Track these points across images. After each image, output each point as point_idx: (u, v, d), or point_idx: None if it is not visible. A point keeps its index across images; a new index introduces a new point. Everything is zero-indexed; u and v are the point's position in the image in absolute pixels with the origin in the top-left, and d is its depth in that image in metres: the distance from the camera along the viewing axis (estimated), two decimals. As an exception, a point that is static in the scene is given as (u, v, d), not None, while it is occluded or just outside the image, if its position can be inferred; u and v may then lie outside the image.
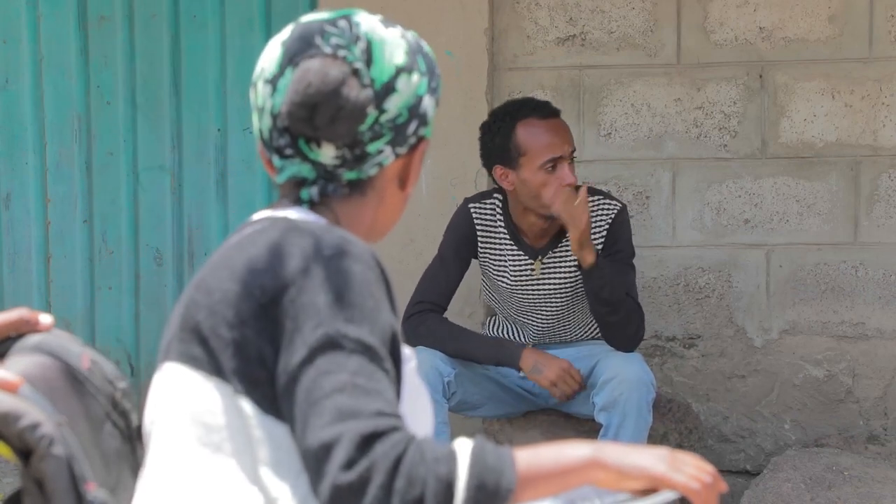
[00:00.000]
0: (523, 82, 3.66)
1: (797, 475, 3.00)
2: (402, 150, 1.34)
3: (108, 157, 4.02)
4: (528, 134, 2.91)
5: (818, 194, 3.58)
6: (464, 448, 1.13)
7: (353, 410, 1.10)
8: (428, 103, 1.35)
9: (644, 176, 3.65)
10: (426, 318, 3.03)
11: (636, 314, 2.98)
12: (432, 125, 1.39)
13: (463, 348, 2.94)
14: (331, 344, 1.14)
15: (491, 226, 3.09)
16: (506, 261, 3.09)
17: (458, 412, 3.09)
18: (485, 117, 3.56)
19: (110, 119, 4.01)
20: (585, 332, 3.18)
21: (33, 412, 1.07)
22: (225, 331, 1.18)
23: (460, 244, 3.10)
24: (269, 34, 3.97)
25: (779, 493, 2.94)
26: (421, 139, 1.37)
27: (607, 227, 3.02)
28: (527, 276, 3.08)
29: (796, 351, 3.62)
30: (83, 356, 1.30)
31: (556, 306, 3.11)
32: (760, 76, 3.59)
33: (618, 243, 3.02)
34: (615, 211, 3.03)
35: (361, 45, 1.31)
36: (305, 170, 1.32)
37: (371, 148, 1.31)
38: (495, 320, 3.30)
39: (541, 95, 3.64)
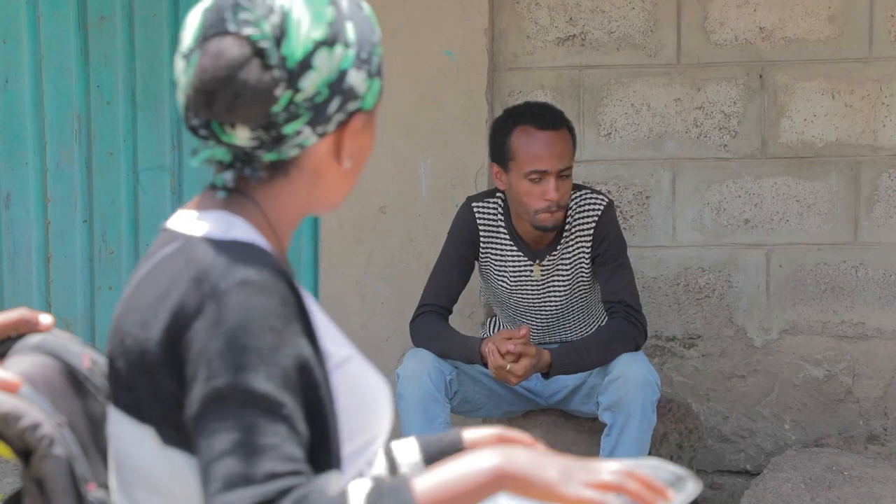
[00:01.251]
0: (523, 82, 3.66)
1: (797, 475, 3.00)
2: (327, 128, 1.22)
3: (108, 157, 4.02)
4: (521, 140, 2.91)
5: (818, 194, 3.58)
6: (358, 492, 1.09)
7: (244, 476, 1.06)
8: (355, 77, 1.22)
9: (644, 176, 3.65)
10: (424, 320, 3.04)
11: (629, 335, 2.96)
12: (374, 95, 1.27)
13: (443, 349, 2.94)
14: (221, 398, 1.09)
15: (493, 225, 3.09)
16: (506, 261, 3.09)
17: (459, 412, 3.09)
18: (485, 117, 3.56)
19: (110, 119, 4.01)
20: (587, 330, 3.18)
21: (34, 412, 1.07)
22: (142, 378, 1.15)
23: (463, 244, 3.10)
24: (269, 34, 3.97)
25: (779, 493, 2.94)
26: (353, 114, 1.24)
27: (594, 224, 3.01)
28: (526, 277, 3.08)
29: (796, 351, 3.62)
30: (83, 356, 1.30)
31: (556, 307, 3.11)
32: (760, 76, 3.59)
33: (605, 242, 3.01)
34: (601, 208, 3.02)
35: (274, 19, 1.19)
36: (220, 152, 1.24)
37: (287, 129, 1.20)
38: (495, 320, 3.30)
39: (541, 95, 3.64)
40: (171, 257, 1.17)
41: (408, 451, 1.41)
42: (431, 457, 1.39)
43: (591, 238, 3.02)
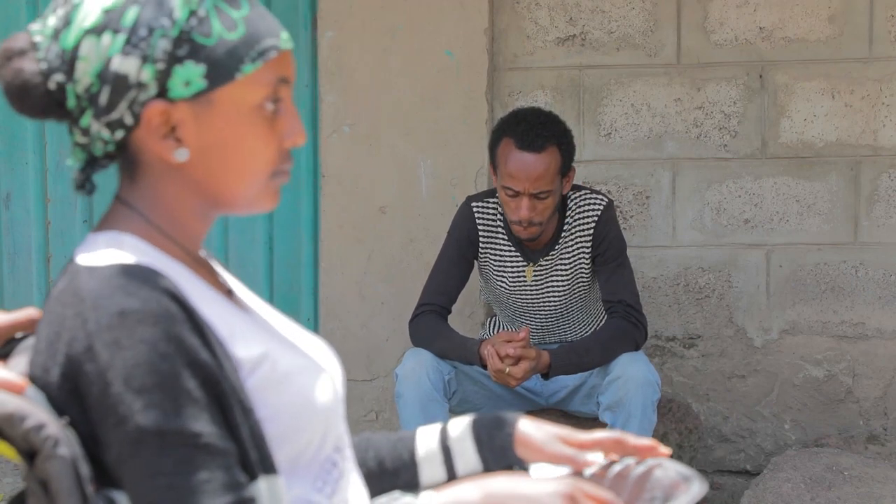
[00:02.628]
0: (523, 82, 3.66)
1: (797, 475, 3.00)
2: (119, 120, 1.16)
3: (108, 157, 4.02)
4: (503, 153, 2.91)
5: (818, 194, 3.58)
6: None
7: None
8: (121, 64, 1.14)
9: (644, 176, 3.65)
10: (423, 320, 3.04)
11: (629, 335, 2.96)
12: (185, 82, 1.16)
13: (442, 349, 2.94)
14: (136, 443, 1.05)
15: (492, 226, 3.09)
16: (504, 261, 3.09)
17: (458, 412, 3.09)
18: (485, 117, 3.56)
19: (110, 119, 4.01)
20: (586, 330, 3.18)
21: (38, 413, 1.06)
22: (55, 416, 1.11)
23: (462, 243, 3.10)
24: (269, 34, 3.97)
25: (779, 493, 2.94)
26: (144, 105, 1.15)
27: (593, 223, 3.02)
28: (523, 278, 3.08)
29: (796, 351, 3.62)
30: None
31: (555, 307, 3.11)
32: (760, 76, 3.59)
33: (604, 242, 3.01)
34: (600, 208, 3.02)
35: (60, 11, 1.16)
36: (76, 154, 1.22)
37: (83, 123, 1.17)
38: (495, 320, 3.31)
39: (541, 95, 3.64)
40: (62, 293, 1.14)
41: (460, 423, 1.40)
42: (482, 435, 1.37)
43: (590, 238, 3.02)
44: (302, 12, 3.96)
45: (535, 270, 3.07)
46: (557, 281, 3.07)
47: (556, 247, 3.04)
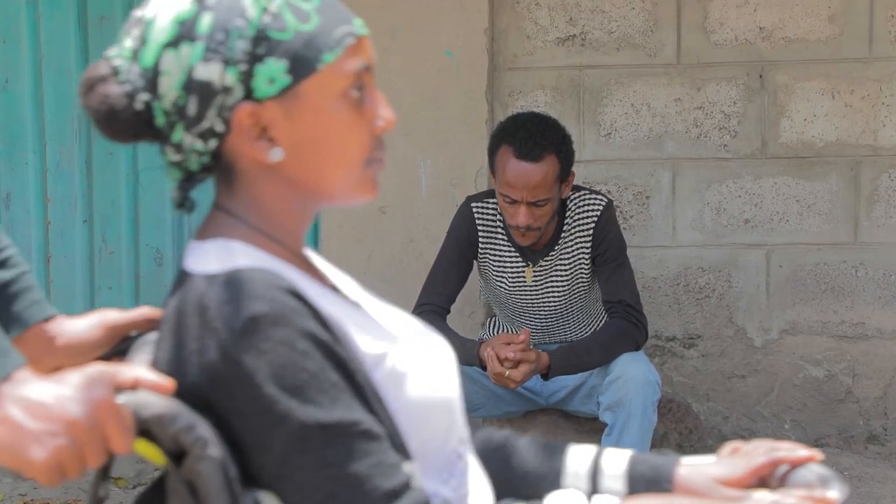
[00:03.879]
0: (523, 82, 3.66)
1: (797, 475, 3.00)
2: (212, 129, 1.16)
3: (108, 157, 4.02)
4: (501, 161, 2.90)
5: (818, 194, 3.58)
6: None
7: None
8: (205, 71, 1.14)
9: (644, 176, 3.65)
10: (421, 320, 3.04)
11: (629, 335, 2.96)
12: (268, 80, 1.15)
13: None
14: (300, 441, 1.06)
15: (491, 226, 3.09)
16: (504, 262, 3.09)
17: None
18: (485, 117, 3.55)
19: (110, 119, 4.01)
20: (586, 331, 3.18)
21: (187, 414, 1.06)
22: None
23: (462, 243, 3.10)
24: (269, 34, 3.98)
25: (779, 493, 2.94)
26: (234, 108, 1.15)
27: (593, 224, 3.01)
28: (523, 278, 3.08)
29: (796, 351, 3.62)
30: None
31: (555, 307, 3.11)
32: (760, 76, 3.59)
33: (604, 243, 3.02)
34: (600, 208, 3.02)
35: (136, 32, 1.17)
36: (172, 173, 1.22)
37: (174, 139, 1.18)
38: (495, 320, 3.31)
39: (541, 96, 3.64)
40: (180, 303, 1.14)
41: (617, 461, 1.37)
42: (637, 474, 1.35)
43: (590, 238, 3.02)
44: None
45: (534, 271, 3.07)
46: (557, 281, 3.07)
47: (556, 247, 3.04)
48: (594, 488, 1.35)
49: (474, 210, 3.10)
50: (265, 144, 1.17)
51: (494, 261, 3.11)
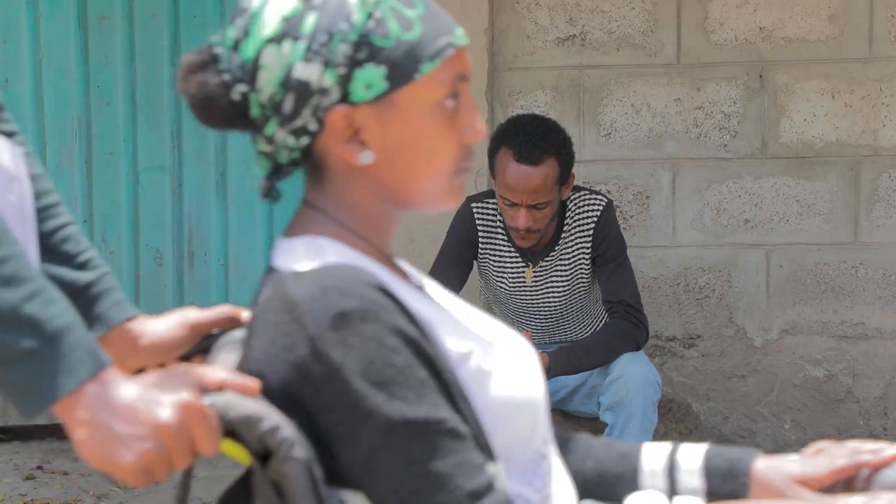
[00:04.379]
0: (523, 82, 3.67)
1: (797, 475, 3.00)
2: (304, 127, 1.17)
3: (108, 157, 4.02)
4: (500, 164, 2.90)
5: (818, 194, 3.59)
6: None
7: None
8: (304, 71, 1.14)
9: (644, 176, 3.65)
10: None
11: (629, 335, 2.96)
12: (366, 85, 1.15)
13: None
14: (385, 436, 1.07)
15: (491, 226, 3.09)
16: (504, 262, 3.09)
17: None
18: (485, 117, 3.55)
19: (110, 119, 4.01)
20: (586, 331, 3.18)
21: (273, 415, 1.06)
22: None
23: (462, 244, 3.09)
24: (269, 34, 3.98)
25: (779, 493, 2.94)
26: (329, 109, 1.16)
27: (593, 224, 3.02)
28: (523, 279, 3.08)
29: (796, 351, 3.63)
30: None
31: (555, 307, 3.11)
32: (760, 76, 3.59)
33: (604, 243, 3.01)
34: (600, 208, 3.02)
35: (240, 22, 1.18)
36: (261, 162, 1.23)
37: (267, 132, 1.18)
38: (495, 320, 3.30)
39: (541, 96, 3.64)
40: (269, 300, 1.15)
41: (693, 455, 1.37)
42: (713, 467, 1.34)
43: (590, 238, 3.02)
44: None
45: (534, 272, 3.07)
46: (557, 282, 3.07)
47: (556, 248, 3.04)
48: (672, 485, 1.35)
49: (474, 210, 3.10)
50: (356, 147, 1.17)
51: (494, 261, 3.11)
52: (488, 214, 3.09)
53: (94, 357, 1.04)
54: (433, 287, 1.32)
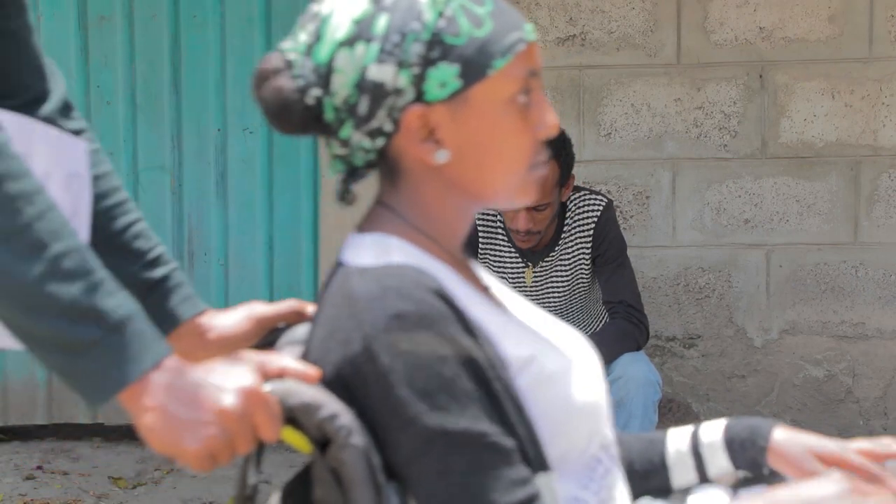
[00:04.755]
0: (523, 82, 3.66)
1: (797, 475, 3.00)
2: (380, 129, 1.17)
3: (108, 157, 3.99)
4: None
5: (818, 194, 3.59)
6: None
7: None
8: (378, 72, 1.15)
9: (644, 176, 3.65)
10: None
11: (630, 335, 2.96)
12: (440, 84, 1.16)
13: None
14: (424, 445, 1.07)
15: (491, 227, 3.09)
16: (504, 262, 3.09)
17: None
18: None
19: (110, 119, 4.01)
20: (586, 331, 3.18)
21: (332, 403, 1.08)
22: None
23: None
24: (269, 34, 3.97)
25: (779, 493, 2.94)
26: (405, 109, 1.16)
27: (593, 224, 3.02)
28: (523, 279, 3.08)
29: (796, 351, 3.63)
30: None
31: (553, 309, 3.11)
32: (760, 76, 3.59)
33: (604, 243, 3.02)
34: (600, 208, 3.02)
35: (311, 27, 1.19)
36: (336, 164, 1.25)
37: (342, 135, 1.19)
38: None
39: (541, 95, 3.64)
40: (333, 294, 1.16)
41: (714, 428, 1.39)
42: (733, 435, 1.36)
43: (590, 238, 3.02)
44: (302, 12, 3.96)
45: (534, 272, 3.07)
46: (557, 282, 3.07)
47: (556, 248, 3.05)
48: (698, 461, 1.36)
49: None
50: (432, 146, 1.18)
51: (494, 261, 3.11)
52: (488, 215, 3.10)
53: (157, 345, 1.06)
54: (499, 288, 1.32)
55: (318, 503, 1.12)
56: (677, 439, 1.39)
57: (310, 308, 1.34)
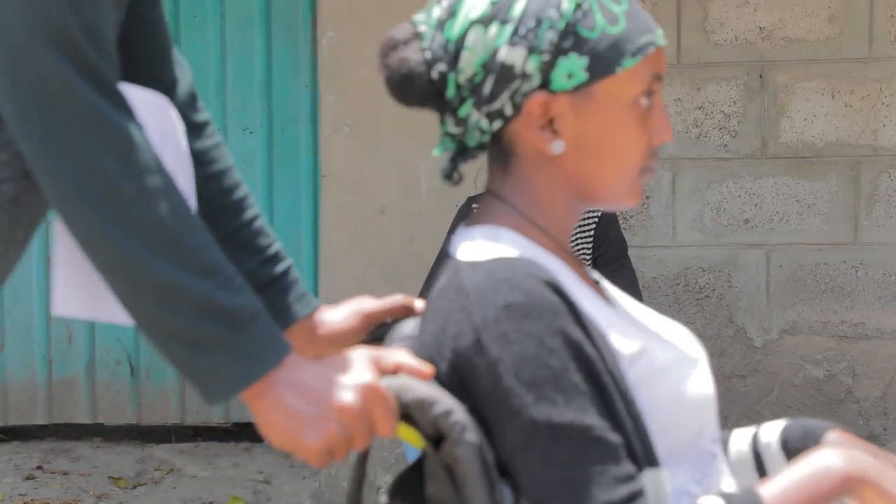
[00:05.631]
0: (523, 82, 3.66)
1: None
2: (500, 111, 1.17)
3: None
4: None
5: (818, 194, 3.59)
6: None
7: None
8: (508, 55, 1.15)
9: (644, 176, 3.65)
10: None
11: None
12: (567, 74, 1.15)
13: None
14: (529, 436, 1.07)
15: (491, 226, 3.09)
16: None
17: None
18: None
19: (110, 119, 4.00)
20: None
21: (446, 399, 1.08)
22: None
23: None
24: (268, 34, 3.98)
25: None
26: (528, 95, 1.16)
27: (594, 224, 3.02)
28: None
29: (796, 351, 3.63)
30: None
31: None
32: (760, 76, 3.59)
33: (605, 243, 3.02)
34: (599, 209, 3.03)
35: (446, 2, 1.20)
36: (446, 142, 1.25)
37: (461, 113, 1.19)
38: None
39: (541, 95, 3.64)
40: (444, 288, 1.16)
41: (773, 427, 1.38)
42: (788, 437, 1.35)
43: (591, 239, 3.02)
44: (302, 12, 3.96)
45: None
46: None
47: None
48: (758, 461, 1.36)
49: (475, 210, 3.10)
50: (549, 135, 1.18)
51: (494, 261, 3.11)
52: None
53: (280, 343, 1.08)
54: (607, 284, 1.32)
55: (430, 500, 1.12)
56: (739, 439, 1.38)
57: (417, 303, 1.35)
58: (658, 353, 1.18)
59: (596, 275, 1.33)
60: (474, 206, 3.11)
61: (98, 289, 1.13)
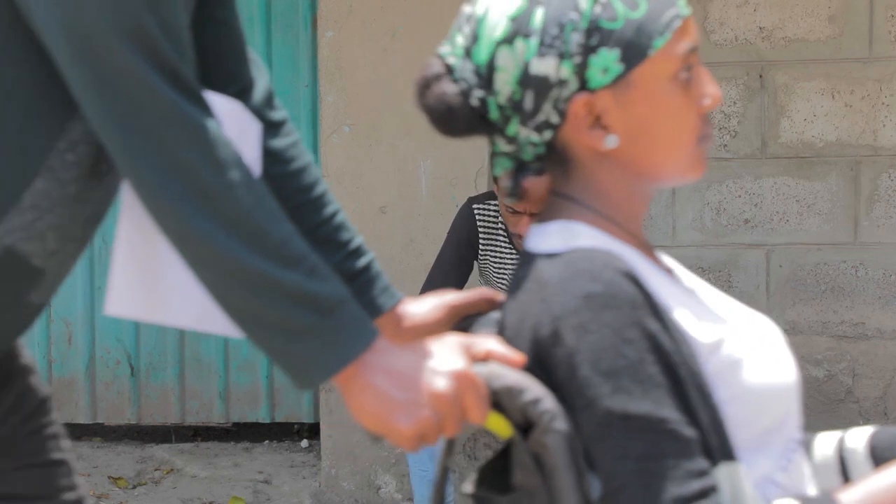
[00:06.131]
0: (523, 82, 3.67)
1: (797, 475, 3.00)
2: (547, 122, 1.18)
3: (108, 157, 4.02)
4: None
5: (818, 194, 3.59)
6: None
7: None
8: (539, 66, 1.15)
9: (644, 176, 3.65)
10: None
11: None
12: (602, 70, 1.15)
13: None
14: (603, 427, 1.07)
15: (492, 227, 3.09)
16: (504, 263, 3.09)
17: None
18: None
19: (110, 119, 4.01)
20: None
21: (536, 387, 1.08)
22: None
23: (462, 244, 3.10)
24: (269, 34, 3.98)
25: (779, 493, 2.94)
26: (569, 100, 1.16)
27: None
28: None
29: (796, 351, 3.58)
30: None
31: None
32: (760, 76, 3.59)
33: None
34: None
35: (467, 29, 1.21)
36: (503, 161, 1.26)
37: (509, 132, 1.20)
38: (495, 320, 3.31)
39: (541, 95, 3.64)
40: (523, 281, 1.17)
41: (860, 434, 1.36)
42: (875, 445, 1.33)
43: None
44: (302, 12, 3.96)
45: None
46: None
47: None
48: (843, 466, 1.34)
49: (475, 211, 3.10)
50: (600, 132, 1.18)
51: (495, 262, 3.11)
52: (489, 215, 3.10)
53: (368, 328, 1.09)
54: (683, 271, 1.32)
55: (517, 488, 1.12)
56: (824, 443, 1.36)
57: (501, 296, 1.35)
58: (737, 341, 1.17)
59: (670, 261, 1.33)
60: (475, 207, 3.11)
61: (156, 291, 1.15)
